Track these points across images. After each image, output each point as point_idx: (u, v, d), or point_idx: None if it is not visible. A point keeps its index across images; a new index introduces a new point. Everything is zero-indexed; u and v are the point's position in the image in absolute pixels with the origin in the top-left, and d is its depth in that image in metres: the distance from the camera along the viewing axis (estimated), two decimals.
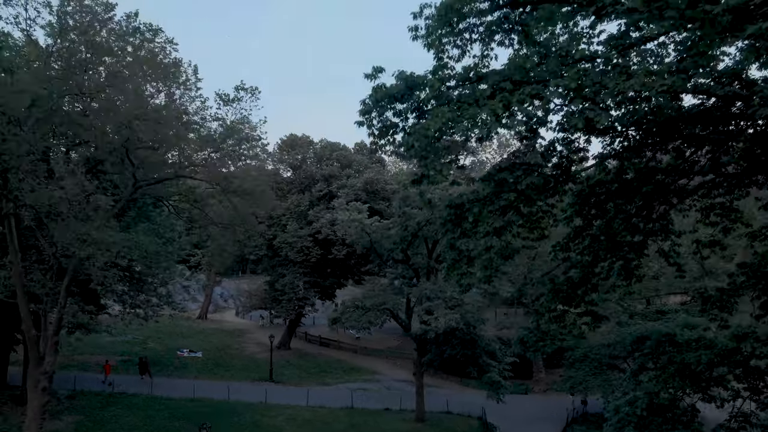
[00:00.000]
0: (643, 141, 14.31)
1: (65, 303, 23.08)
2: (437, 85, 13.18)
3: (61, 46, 25.03)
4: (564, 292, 17.39)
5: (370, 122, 14.38)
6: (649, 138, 14.80)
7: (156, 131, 19.28)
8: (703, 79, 12.29)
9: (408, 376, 43.76)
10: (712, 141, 13.89)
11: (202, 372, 44.41)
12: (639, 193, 16.95)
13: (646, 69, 12.18)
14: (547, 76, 13.50)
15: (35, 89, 17.59)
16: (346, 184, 49.48)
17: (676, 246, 19.75)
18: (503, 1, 13.89)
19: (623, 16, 12.73)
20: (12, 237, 23.64)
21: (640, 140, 14.71)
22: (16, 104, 16.99)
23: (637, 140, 14.79)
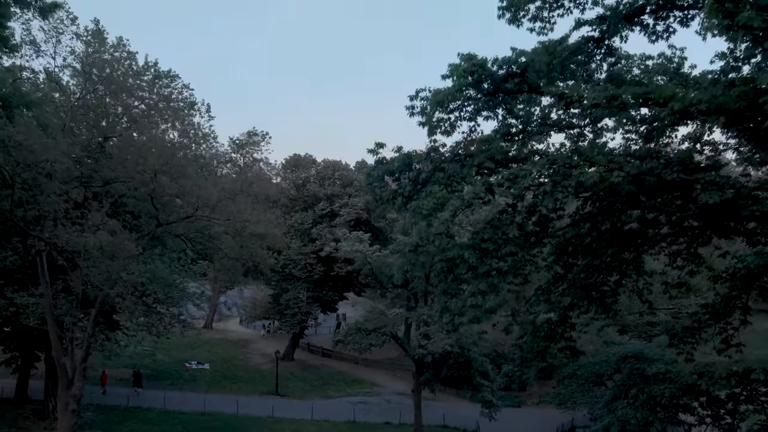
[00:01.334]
0: (611, 206, 16.46)
1: (93, 332, 25.22)
2: (431, 166, 15.37)
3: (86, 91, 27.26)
4: (545, 332, 19.57)
5: (374, 189, 16.69)
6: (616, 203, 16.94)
7: (178, 183, 21.46)
8: (653, 164, 14.42)
9: (406, 388, 45.90)
10: (668, 211, 16.08)
11: (210, 385, 46.55)
12: (612, 244, 19.21)
13: (606, 157, 14.39)
14: (524, 155, 15.76)
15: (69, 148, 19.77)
16: (348, 203, 51.73)
17: (649, 285, 22.08)
18: (489, 90, 16.03)
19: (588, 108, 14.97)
20: (43, 271, 25.83)
21: (608, 205, 16.87)
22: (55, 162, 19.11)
23: (604, 206, 16.97)
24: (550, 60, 15.94)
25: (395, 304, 34.21)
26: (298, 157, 56.00)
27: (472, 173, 15.38)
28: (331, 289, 55.49)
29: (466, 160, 15.83)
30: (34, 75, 28.35)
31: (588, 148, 14.75)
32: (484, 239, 14.98)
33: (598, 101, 14.38)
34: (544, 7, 16.55)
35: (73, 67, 28.34)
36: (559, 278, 20.10)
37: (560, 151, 15.42)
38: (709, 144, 16.64)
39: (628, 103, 14.21)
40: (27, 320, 27.37)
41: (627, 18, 16.34)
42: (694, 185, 14.37)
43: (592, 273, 19.63)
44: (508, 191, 14.58)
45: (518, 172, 14.61)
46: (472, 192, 14.34)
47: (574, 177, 13.96)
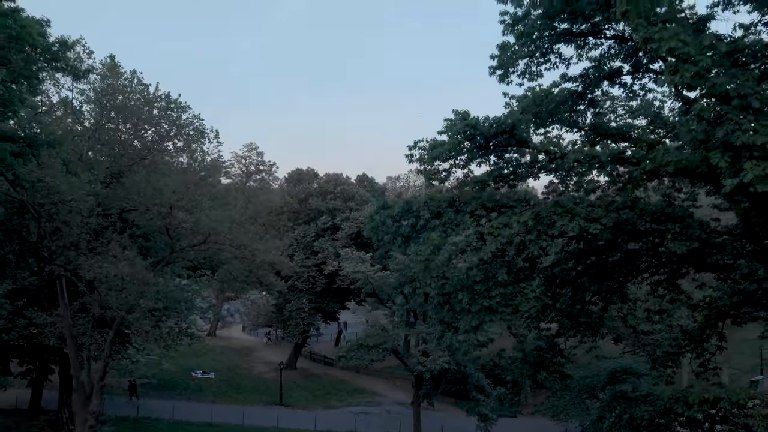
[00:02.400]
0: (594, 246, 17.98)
1: (110, 352, 26.74)
2: (428, 214, 16.90)
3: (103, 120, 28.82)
4: (533, 359, 21.12)
5: (377, 234, 18.25)
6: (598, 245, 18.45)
7: (193, 216, 22.98)
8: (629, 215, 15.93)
9: (406, 397, 47.47)
10: (644, 254, 17.62)
11: (217, 395, 48.07)
12: (596, 277, 20.82)
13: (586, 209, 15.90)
14: (512, 203, 17.31)
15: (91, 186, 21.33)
16: (350, 217, 53.28)
17: (633, 311, 23.72)
18: (481, 143, 17.54)
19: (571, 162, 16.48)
20: (63, 294, 27.39)
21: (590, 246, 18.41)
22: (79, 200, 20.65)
23: (587, 246, 18.52)
24: (537, 110, 17.52)
25: (395, 313, 35.54)
26: (300, 172, 57.56)
27: (466, 219, 16.98)
28: (332, 300, 57.01)
29: (462, 206, 17.40)
30: (52, 106, 30.03)
31: (569, 200, 16.26)
32: (476, 281, 16.54)
33: (578, 158, 15.97)
34: (531, 62, 18.14)
35: (89, 96, 30.00)
36: (548, 308, 21.66)
37: (545, 200, 16.98)
38: (683, 191, 18.25)
39: (605, 161, 15.79)
40: (47, 340, 28.90)
41: (607, 77, 17.93)
42: (666, 234, 15.92)
43: (579, 301, 21.22)
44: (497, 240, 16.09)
45: (507, 221, 16.13)
46: (464, 241, 15.85)
47: (557, 227, 15.48)
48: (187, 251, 26.81)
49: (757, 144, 11.19)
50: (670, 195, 17.74)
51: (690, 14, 13.79)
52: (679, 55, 11.07)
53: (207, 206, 23.21)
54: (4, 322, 29.66)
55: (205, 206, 22.91)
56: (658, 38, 11.26)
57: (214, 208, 24.76)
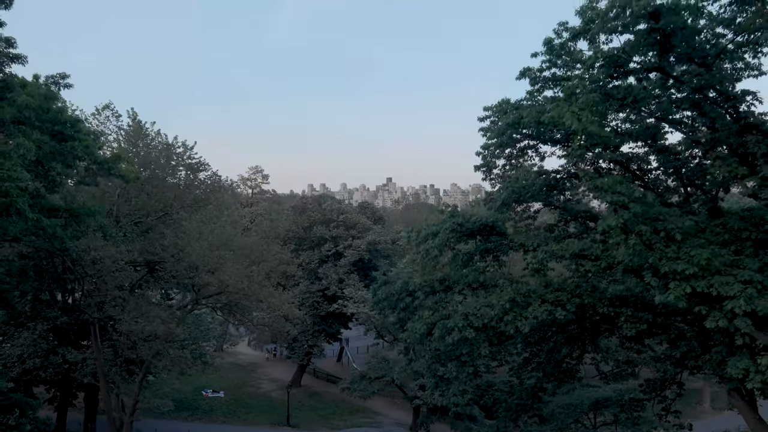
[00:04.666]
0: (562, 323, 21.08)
1: (140, 391, 29.87)
2: (422, 295, 20.03)
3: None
4: (514, 408, 24.29)
5: (380, 307, 21.39)
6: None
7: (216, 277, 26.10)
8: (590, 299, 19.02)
9: (404, 415, 50.70)
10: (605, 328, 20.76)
11: (227, 414, 51.22)
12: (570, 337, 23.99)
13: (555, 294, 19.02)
14: (496, 282, 20.47)
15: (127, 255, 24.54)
16: (352, 245, 56.42)
17: (606, 358, 26.97)
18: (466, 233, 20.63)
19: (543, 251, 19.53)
20: (96, 338, 30.54)
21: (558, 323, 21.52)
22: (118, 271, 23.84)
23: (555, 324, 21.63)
24: (517, 197, 20.71)
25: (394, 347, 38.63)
26: (305, 201, 60.74)
27: (454, 297, 20.13)
28: (335, 322, 60.06)
29: (452, 284, 20.59)
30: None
31: (539, 286, 19.38)
32: (463, 353, 19.65)
33: (548, 252, 19.12)
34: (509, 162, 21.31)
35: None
36: (528, 361, 24.84)
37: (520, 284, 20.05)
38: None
39: (570, 256, 18.92)
40: (80, 377, 31.96)
41: (575, 176, 21.06)
42: (620, 317, 19.09)
43: (554, 358, 24.37)
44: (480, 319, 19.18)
45: (489, 302, 19.26)
46: (452, 323, 18.91)
47: (530, 311, 18.63)
48: (208, 299, 29.91)
49: (678, 270, 14.31)
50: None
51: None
52: (617, 202, 14.19)
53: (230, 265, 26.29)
54: (41, 360, 32.73)
55: (229, 269, 26.01)
56: (601, 186, 14.39)
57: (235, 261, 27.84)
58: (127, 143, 33.23)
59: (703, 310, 14.42)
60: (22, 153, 15.84)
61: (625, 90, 15.81)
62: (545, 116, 14.49)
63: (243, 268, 26.98)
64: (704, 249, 14.37)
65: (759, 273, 14.59)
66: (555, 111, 13.69)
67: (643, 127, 17.81)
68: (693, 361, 18.45)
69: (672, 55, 14.31)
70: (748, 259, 15.27)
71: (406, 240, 20.37)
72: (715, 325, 14.07)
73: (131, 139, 33.34)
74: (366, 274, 58.65)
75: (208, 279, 25.72)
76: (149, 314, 24.90)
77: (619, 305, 18.76)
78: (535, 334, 23.35)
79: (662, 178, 18.57)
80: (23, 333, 32.77)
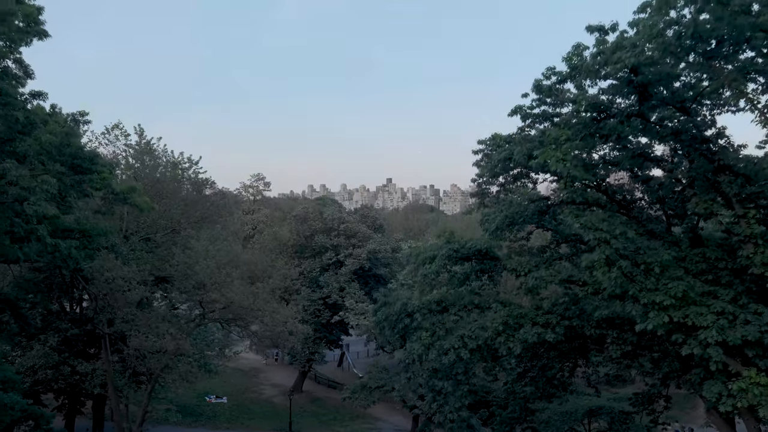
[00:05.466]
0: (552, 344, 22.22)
1: (148, 402, 30.98)
2: (420, 317, 21.13)
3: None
4: (509, 419, 25.41)
5: (380, 327, 22.53)
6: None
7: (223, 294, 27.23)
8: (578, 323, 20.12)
9: (403, 421, 51.79)
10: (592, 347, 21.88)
11: (230, 420, 52.33)
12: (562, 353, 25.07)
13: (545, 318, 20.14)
14: (489, 304, 21.58)
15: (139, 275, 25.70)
16: (352, 254, 57.55)
17: (596, 372, 28.07)
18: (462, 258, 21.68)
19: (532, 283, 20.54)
20: (107, 351, 31.64)
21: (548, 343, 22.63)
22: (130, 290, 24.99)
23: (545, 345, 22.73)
24: (510, 221, 21.81)
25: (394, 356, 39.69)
26: (306, 211, 61.82)
27: (450, 319, 21.25)
28: (336, 329, 61.17)
29: (449, 306, 21.71)
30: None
31: (531, 309, 20.51)
32: (459, 372, 20.81)
33: (538, 279, 20.22)
34: (501, 191, 22.41)
35: (127, 174, 34.26)
36: (522, 376, 25.96)
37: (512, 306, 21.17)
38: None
39: (559, 282, 20.03)
40: (90, 387, 33.06)
41: (564, 203, 22.16)
42: (606, 338, 20.22)
43: (546, 374, 25.49)
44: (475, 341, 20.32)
45: (483, 324, 20.39)
46: (449, 344, 20.04)
47: (521, 333, 19.76)
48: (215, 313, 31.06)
49: (657, 301, 15.44)
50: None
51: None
52: (599, 238, 15.31)
53: (236, 284, 27.43)
54: (52, 372, 33.84)
55: (237, 287, 27.14)
56: (585, 224, 15.52)
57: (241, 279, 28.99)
58: (134, 159, 34.36)
59: (679, 338, 15.54)
60: (46, 189, 16.99)
61: (610, 128, 16.92)
62: (533, 162, 15.63)
63: (249, 285, 28.09)
64: (681, 281, 15.50)
65: (732, 303, 15.72)
66: (541, 156, 14.82)
67: (628, 156, 18.90)
68: (674, 380, 19.57)
69: (651, 101, 15.42)
70: (723, 289, 16.41)
71: (405, 262, 21.42)
72: (690, 352, 15.19)
73: (139, 156, 34.46)
74: (366, 282, 59.81)
75: (216, 296, 26.86)
76: (159, 330, 26.02)
77: (606, 327, 19.89)
78: (527, 352, 24.44)
79: (646, 208, 19.67)
80: (35, 345, 33.90)
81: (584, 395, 44.43)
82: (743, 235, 15.43)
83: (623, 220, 18.39)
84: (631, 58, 12.98)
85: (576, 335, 20.64)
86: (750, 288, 16.57)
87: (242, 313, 29.86)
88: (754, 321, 14.61)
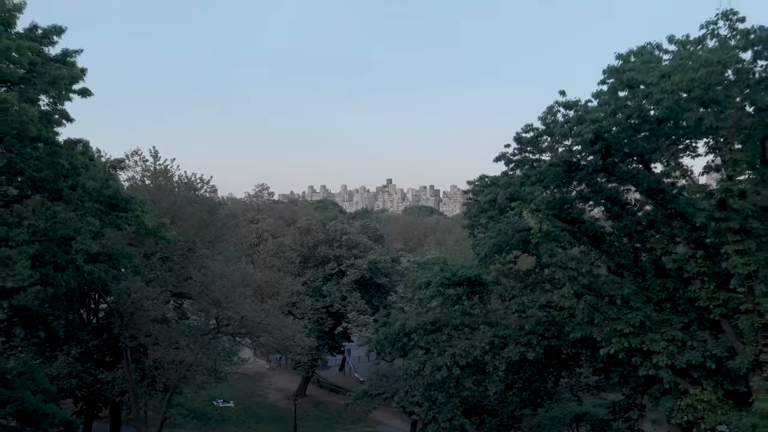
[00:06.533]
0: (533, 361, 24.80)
1: (167, 409, 33.59)
2: (416, 337, 23.73)
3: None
4: (497, 427, 28.02)
5: (380, 346, 25.09)
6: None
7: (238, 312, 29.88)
8: (555, 342, 22.72)
9: (403, 425, 54.35)
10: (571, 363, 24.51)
11: (238, 424, 54.96)
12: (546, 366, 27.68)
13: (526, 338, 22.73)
14: (478, 324, 24.16)
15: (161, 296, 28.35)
16: (354, 264, 60.19)
17: (579, 382, 30.66)
18: (454, 284, 24.27)
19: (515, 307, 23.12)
20: (128, 362, 34.24)
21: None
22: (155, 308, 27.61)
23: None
24: (498, 249, 24.39)
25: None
26: (310, 223, 64.52)
27: (444, 338, 23.86)
28: (338, 336, 63.79)
29: (443, 326, 24.31)
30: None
31: (515, 330, 23.11)
32: (450, 386, 23.43)
33: (520, 304, 22.80)
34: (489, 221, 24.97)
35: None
36: (509, 387, 28.55)
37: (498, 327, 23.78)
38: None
39: (538, 307, 22.63)
40: (114, 396, 35.63)
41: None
42: (581, 357, 22.84)
43: (530, 386, 28.10)
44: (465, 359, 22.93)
45: (473, 344, 22.98)
46: (441, 361, 22.65)
47: (506, 351, 22.35)
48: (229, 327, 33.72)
49: (618, 329, 18.04)
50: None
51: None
52: (569, 276, 17.91)
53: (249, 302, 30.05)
54: (76, 380, 36.42)
55: (248, 304, 29.75)
56: (557, 263, 18.12)
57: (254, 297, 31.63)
58: (151, 181, 36.96)
59: (637, 361, 18.15)
60: (91, 229, 19.59)
61: (581, 177, 19.53)
62: (511, 213, 18.26)
63: (260, 302, 30.68)
64: (639, 311, 18.11)
65: (683, 330, 18.33)
66: (517, 208, 17.46)
67: (599, 198, 21.51)
68: (640, 394, 22.18)
69: (614, 158, 18.03)
70: (678, 316, 19.02)
71: (404, 286, 24.00)
72: (646, 372, 17.79)
73: (154, 178, 37.07)
74: (367, 290, 62.42)
75: (231, 314, 29.46)
76: (180, 344, 28.62)
77: (580, 347, 22.50)
78: (513, 367, 27.06)
79: (615, 242, 22.26)
80: (59, 356, 36.50)
81: (572, 402, 47.17)
82: (692, 272, 18.01)
83: (595, 255, 20.94)
84: (590, 134, 15.56)
85: (555, 353, 23.24)
86: (702, 315, 19.17)
87: (254, 328, 32.46)
88: (699, 347, 17.20)
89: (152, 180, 36.94)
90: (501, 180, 21.77)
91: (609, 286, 18.41)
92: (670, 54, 16.06)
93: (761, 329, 15.86)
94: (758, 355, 16.24)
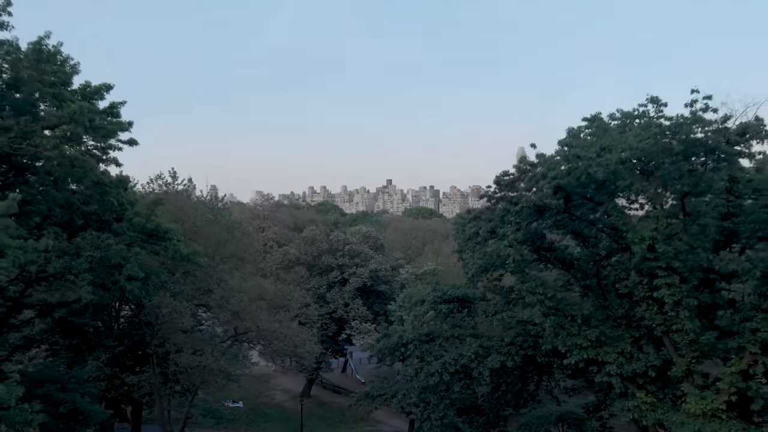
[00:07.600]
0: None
1: (189, 409, 37.42)
2: (412, 348, 27.52)
3: None
4: (483, 425, 31.82)
5: (381, 354, 28.91)
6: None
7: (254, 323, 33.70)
8: (531, 352, 26.49)
9: (402, 424, 58.16)
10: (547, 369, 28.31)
11: (248, 424, 58.79)
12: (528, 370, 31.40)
13: (506, 348, 26.52)
14: (465, 336, 27.92)
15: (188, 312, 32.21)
16: (356, 272, 64.08)
17: (559, 385, 34.49)
18: (446, 300, 28.04)
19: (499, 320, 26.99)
20: (153, 367, 38.06)
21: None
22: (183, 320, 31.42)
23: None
24: (484, 269, 28.07)
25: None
26: (314, 233, 68.42)
27: (436, 348, 27.65)
28: (341, 340, 67.66)
29: (435, 337, 28.10)
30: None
31: (497, 341, 26.91)
32: (441, 390, 27.22)
33: (501, 320, 26.56)
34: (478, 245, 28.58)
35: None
36: (495, 389, 32.35)
37: (482, 338, 27.51)
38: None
39: (516, 323, 26.38)
40: (140, 398, 39.40)
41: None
42: (553, 365, 26.64)
43: (518, 383, 31.86)
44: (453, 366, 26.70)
45: (461, 353, 26.77)
46: (433, 368, 26.37)
47: (489, 360, 26.15)
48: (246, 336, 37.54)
49: (578, 343, 21.85)
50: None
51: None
52: (537, 300, 21.68)
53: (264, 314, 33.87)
54: (105, 383, 40.22)
55: (264, 315, 33.57)
56: (526, 289, 21.91)
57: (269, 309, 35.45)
58: (173, 205, 40.74)
59: (594, 369, 21.96)
60: (138, 259, 23.41)
61: (549, 215, 23.34)
62: (489, 248, 22.11)
63: (273, 313, 34.46)
64: (596, 329, 21.91)
65: (633, 344, 22.14)
66: (494, 245, 21.30)
67: (567, 232, 25.32)
68: (603, 396, 26.00)
69: (574, 202, 21.87)
70: (630, 331, 22.82)
71: (401, 302, 27.83)
72: (600, 380, 21.60)
73: (174, 199, 40.87)
74: (368, 297, 66.26)
75: (249, 325, 33.24)
76: (204, 351, 32.44)
77: (552, 356, 26.28)
78: (496, 373, 30.88)
79: (583, 266, 26.04)
80: (90, 361, 40.31)
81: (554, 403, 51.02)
82: (640, 296, 21.81)
83: (566, 277, 24.69)
84: (549, 189, 19.36)
85: (531, 361, 27.04)
86: (651, 331, 22.98)
87: (268, 336, 36.30)
88: (643, 359, 21.01)
89: (173, 202, 40.74)
90: (484, 215, 25.56)
91: (571, 307, 22.22)
92: (618, 120, 19.93)
93: (688, 345, 19.63)
94: (689, 366, 20.00)
